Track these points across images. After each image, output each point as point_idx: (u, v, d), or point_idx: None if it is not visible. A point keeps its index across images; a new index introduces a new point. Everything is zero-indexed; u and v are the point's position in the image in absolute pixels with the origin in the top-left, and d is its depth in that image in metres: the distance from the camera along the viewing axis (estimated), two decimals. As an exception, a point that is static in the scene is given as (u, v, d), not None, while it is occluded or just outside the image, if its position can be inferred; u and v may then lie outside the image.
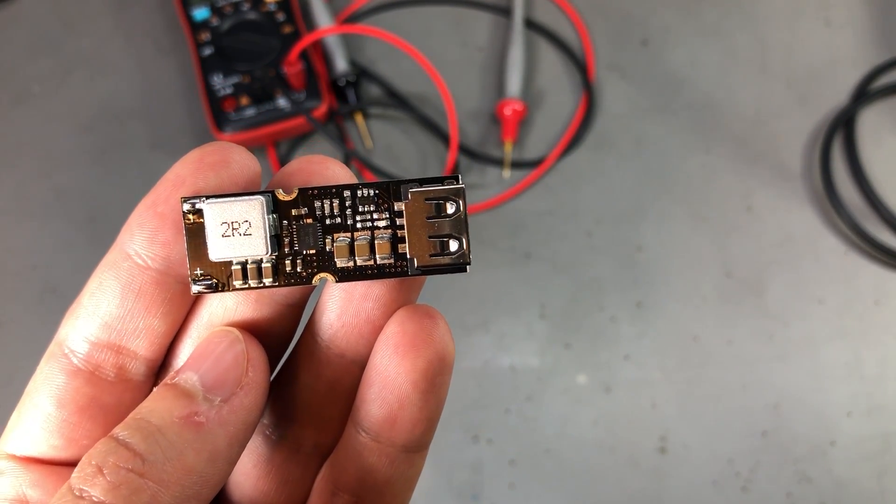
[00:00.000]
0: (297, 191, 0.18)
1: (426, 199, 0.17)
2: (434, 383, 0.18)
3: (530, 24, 0.52)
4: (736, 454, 0.41)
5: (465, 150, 0.48)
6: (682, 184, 0.47)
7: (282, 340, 0.20)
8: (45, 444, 0.18)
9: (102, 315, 0.18)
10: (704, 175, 0.47)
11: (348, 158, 0.48)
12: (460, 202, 0.17)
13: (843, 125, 0.47)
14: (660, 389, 0.42)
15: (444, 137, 0.48)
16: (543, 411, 0.42)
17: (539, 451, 0.41)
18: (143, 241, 0.18)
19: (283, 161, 0.48)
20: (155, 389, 0.17)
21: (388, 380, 0.18)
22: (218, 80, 0.47)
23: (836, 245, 0.45)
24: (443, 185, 0.17)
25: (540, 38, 0.52)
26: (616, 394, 0.42)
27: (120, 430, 0.16)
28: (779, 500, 0.40)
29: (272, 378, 0.20)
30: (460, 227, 0.17)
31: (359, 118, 0.49)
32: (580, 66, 0.50)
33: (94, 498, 0.15)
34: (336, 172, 0.19)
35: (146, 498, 0.15)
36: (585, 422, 0.42)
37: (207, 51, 0.48)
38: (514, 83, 0.49)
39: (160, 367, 0.20)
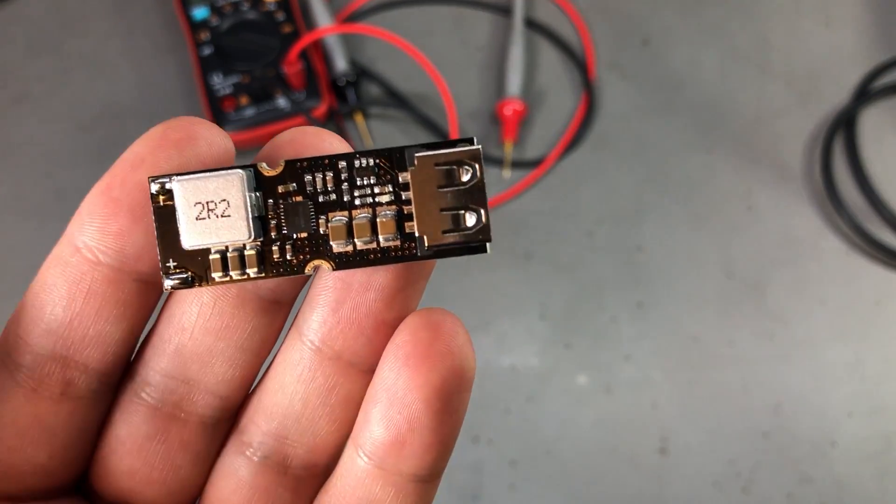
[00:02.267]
0: (283, 164, 0.15)
1: (436, 165, 0.15)
2: (450, 402, 0.16)
3: (530, 24, 0.51)
4: (737, 455, 0.41)
5: (465, 149, 0.48)
6: (682, 184, 0.47)
7: (266, 343, 0.17)
8: None
9: (46, 320, 0.15)
10: (705, 175, 0.47)
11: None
12: (477, 167, 0.15)
13: (844, 125, 0.47)
14: (660, 390, 0.42)
15: (444, 137, 0.48)
16: (544, 412, 0.42)
17: (539, 452, 0.41)
18: (93, 232, 0.15)
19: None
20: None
21: (396, 396, 0.16)
22: (217, 80, 0.47)
23: (837, 245, 0.45)
24: (456, 147, 0.15)
25: (540, 37, 0.51)
26: (617, 394, 0.42)
27: None
28: (779, 500, 0.40)
29: (253, 388, 0.18)
30: (478, 197, 0.15)
31: (359, 118, 0.49)
32: (580, 65, 0.50)
33: None
34: (334, 146, 0.16)
35: None
36: (586, 422, 0.42)
37: (207, 50, 0.47)
38: (514, 83, 0.48)
39: (122, 377, 0.17)
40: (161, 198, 0.15)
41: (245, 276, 0.15)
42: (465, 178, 0.15)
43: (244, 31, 0.48)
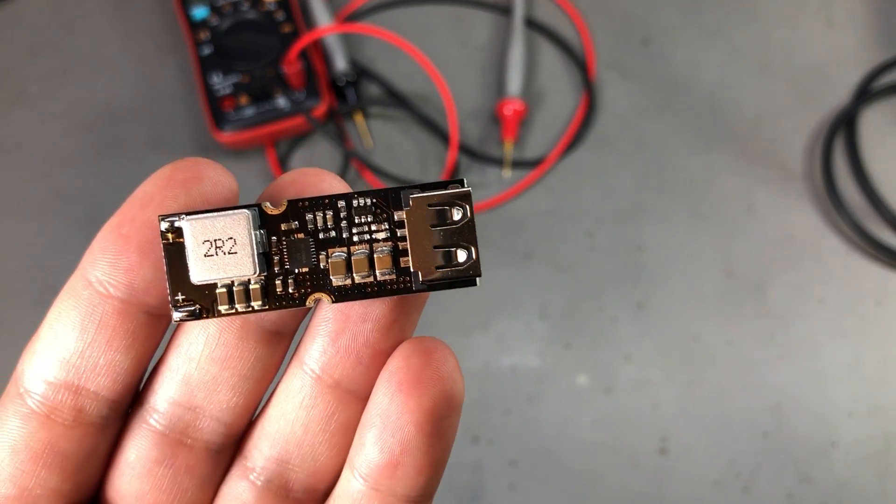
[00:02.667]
0: (286, 203, 0.16)
1: (429, 206, 0.16)
2: (440, 426, 0.17)
3: (531, 23, 0.51)
4: (737, 455, 0.41)
5: (465, 149, 0.48)
6: (683, 183, 0.47)
7: (268, 372, 0.18)
8: None
9: (60, 350, 0.17)
10: (705, 175, 0.47)
11: (348, 158, 0.47)
12: (467, 207, 0.16)
13: (844, 124, 0.47)
14: (660, 390, 0.42)
15: (444, 137, 0.48)
16: (544, 412, 0.42)
17: (540, 452, 0.41)
18: (105, 267, 0.16)
19: (282, 161, 0.48)
20: None
21: (390, 420, 0.17)
22: (217, 80, 0.47)
23: (838, 245, 0.45)
24: (447, 189, 0.16)
25: (540, 37, 0.51)
26: (617, 394, 0.42)
27: None
28: (780, 500, 0.40)
29: (256, 415, 0.19)
30: (468, 235, 0.16)
31: (358, 118, 0.49)
32: (581, 65, 0.50)
33: None
34: (333, 186, 0.17)
35: None
36: (586, 422, 0.42)
37: (207, 50, 0.47)
38: (514, 82, 0.48)
39: (131, 404, 0.18)
40: (170, 235, 0.16)
41: (250, 309, 0.16)
42: (457, 217, 0.16)
43: (244, 31, 0.48)
